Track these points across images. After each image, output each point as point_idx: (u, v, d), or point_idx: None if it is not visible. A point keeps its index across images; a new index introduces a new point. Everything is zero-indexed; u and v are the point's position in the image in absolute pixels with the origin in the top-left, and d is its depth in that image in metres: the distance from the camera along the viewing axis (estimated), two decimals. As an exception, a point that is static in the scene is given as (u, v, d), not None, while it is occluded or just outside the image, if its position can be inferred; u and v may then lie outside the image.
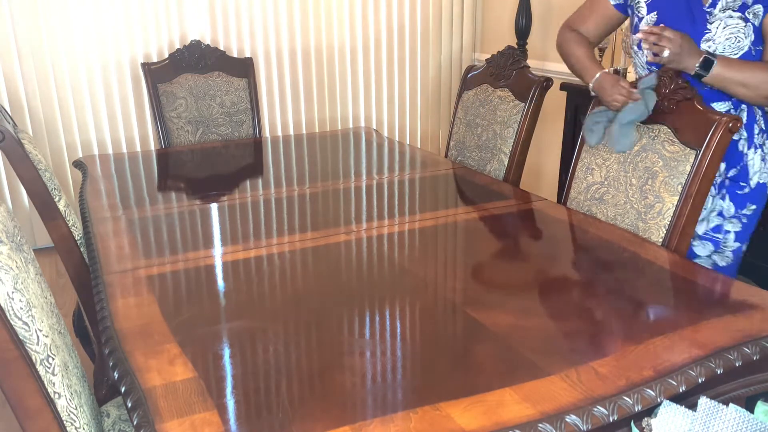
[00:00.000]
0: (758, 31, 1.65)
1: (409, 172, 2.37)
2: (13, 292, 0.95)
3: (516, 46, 3.52)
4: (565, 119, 3.15)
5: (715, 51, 1.68)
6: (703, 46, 1.69)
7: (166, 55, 3.04)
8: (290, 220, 1.87)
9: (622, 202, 1.81)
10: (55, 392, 1.01)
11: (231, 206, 2.01)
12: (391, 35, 4.02)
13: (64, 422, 1.03)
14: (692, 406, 0.99)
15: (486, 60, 2.49)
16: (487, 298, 1.37)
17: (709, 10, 1.67)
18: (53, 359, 1.02)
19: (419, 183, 2.23)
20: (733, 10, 1.64)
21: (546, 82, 2.23)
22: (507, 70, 2.38)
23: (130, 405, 0.99)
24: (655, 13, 1.77)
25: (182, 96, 2.92)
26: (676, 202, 1.65)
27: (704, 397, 1.01)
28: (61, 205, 1.81)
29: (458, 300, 1.37)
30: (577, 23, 1.99)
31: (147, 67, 2.94)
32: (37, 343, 0.98)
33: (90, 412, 1.16)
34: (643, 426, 1.01)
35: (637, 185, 1.78)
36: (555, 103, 3.19)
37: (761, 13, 1.62)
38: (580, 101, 2.95)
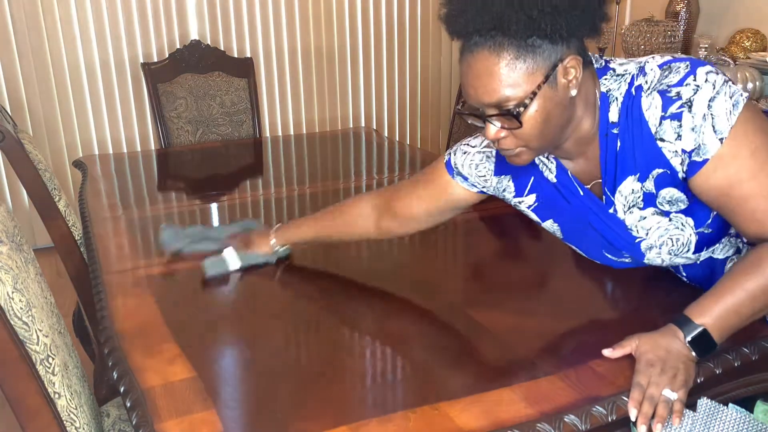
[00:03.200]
0: (693, 210, 1.13)
1: (409, 172, 2.37)
2: (13, 292, 0.95)
3: (516, 46, 3.52)
4: (565, 119, 3.15)
5: (662, 263, 1.23)
6: (650, 255, 1.21)
7: (166, 55, 3.04)
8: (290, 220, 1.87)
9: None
10: (55, 392, 1.01)
11: (231, 206, 2.01)
12: (391, 35, 4.02)
13: (64, 422, 1.03)
14: (692, 406, 0.99)
15: (486, 60, 2.49)
16: (486, 298, 1.37)
17: (611, 212, 1.18)
18: (53, 359, 1.02)
19: (419, 183, 2.23)
20: (640, 208, 1.14)
21: (546, 82, 2.22)
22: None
23: (128, 405, 0.99)
24: (556, 223, 1.27)
25: (182, 96, 2.92)
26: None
27: (704, 397, 1.01)
28: (61, 205, 1.82)
29: (457, 300, 1.37)
30: (394, 194, 1.41)
31: (147, 67, 2.95)
32: (37, 343, 0.98)
33: (90, 412, 1.16)
34: (643, 426, 1.00)
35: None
36: (555, 103, 3.18)
37: (680, 196, 1.11)
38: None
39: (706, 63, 1.06)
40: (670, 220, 1.15)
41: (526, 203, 1.29)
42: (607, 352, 1.09)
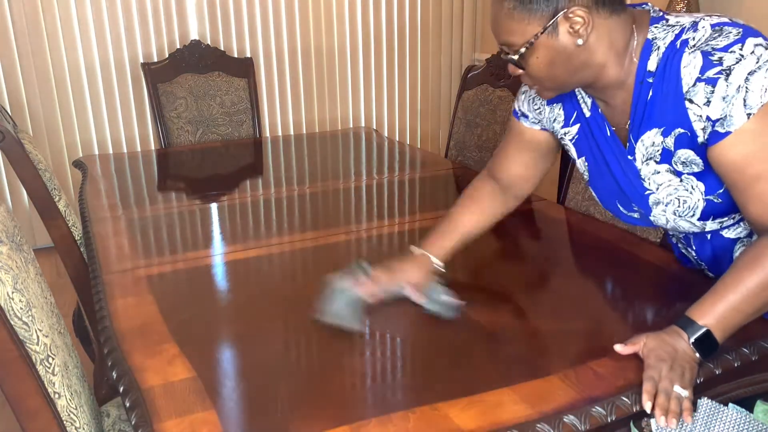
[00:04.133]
0: (705, 175, 1.14)
1: (409, 172, 2.37)
2: (13, 292, 0.95)
3: (516, 46, 3.52)
4: (565, 119, 3.15)
5: (666, 223, 1.24)
6: (656, 212, 1.23)
7: (166, 55, 3.04)
8: (290, 220, 1.88)
9: (622, 203, 1.80)
10: (55, 392, 1.01)
11: (231, 206, 2.01)
12: (391, 35, 4.02)
13: (64, 422, 1.03)
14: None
15: (486, 60, 2.49)
16: (485, 298, 1.37)
17: (630, 159, 1.21)
18: (53, 359, 1.02)
19: (419, 183, 2.23)
20: (656, 161, 1.17)
21: (546, 82, 2.22)
22: (507, 70, 2.38)
23: (128, 405, 0.99)
24: (585, 161, 1.31)
25: (182, 96, 2.93)
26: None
27: (704, 397, 1.01)
28: (61, 205, 1.82)
29: (457, 300, 1.37)
30: (497, 161, 1.45)
31: (147, 67, 2.95)
32: (37, 343, 0.98)
33: (90, 412, 1.16)
34: (643, 426, 1.01)
35: (636, 185, 1.77)
36: (555, 103, 3.18)
37: (696, 159, 1.13)
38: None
39: (759, 34, 1.05)
40: (681, 180, 1.16)
41: (570, 134, 1.32)
42: (618, 348, 1.09)
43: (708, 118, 1.05)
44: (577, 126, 1.29)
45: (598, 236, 1.69)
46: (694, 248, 1.34)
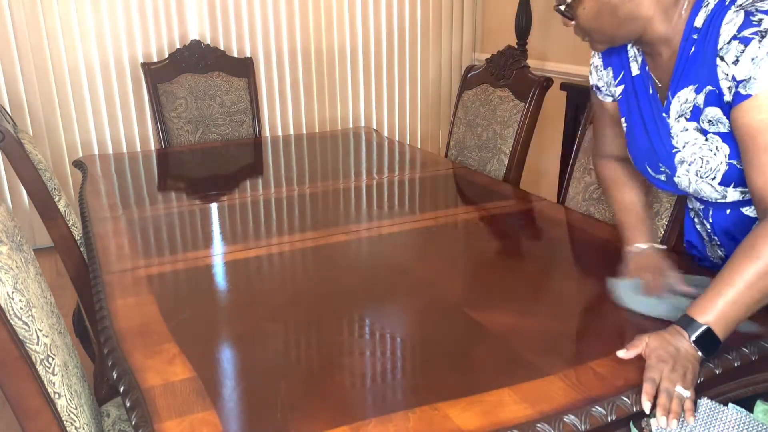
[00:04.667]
0: (730, 138, 1.14)
1: (409, 172, 2.37)
2: (13, 292, 0.95)
3: (516, 46, 3.52)
4: (565, 119, 3.15)
5: (689, 186, 1.25)
6: (680, 171, 1.24)
7: (166, 55, 3.04)
8: (290, 220, 1.88)
9: (622, 202, 1.81)
10: (55, 392, 1.01)
11: (231, 206, 2.01)
12: (391, 35, 4.02)
13: (64, 422, 1.03)
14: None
15: (486, 60, 2.49)
16: (485, 298, 1.37)
17: (664, 116, 1.23)
18: (53, 359, 1.02)
19: (419, 183, 2.23)
20: (687, 119, 1.18)
21: (546, 82, 2.23)
22: (507, 69, 2.38)
23: (128, 405, 0.99)
24: (625, 121, 1.35)
25: (182, 96, 2.92)
26: (674, 203, 1.66)
27: (704, 397, 1.01)
28: (61, 205, 1.82)
29: (457, 300, 1.37)
30: (600, 144, 1.49)
31: (147, 67, 2.95)
32: (37, 343, 0.98)
33: (90, 412, 1.16)
34: (643, 426, 1.01)
35: (636, 185, 1.77)
36: (555, 103, 3.19)
37: (722, 118, 1.13)
38: (580, 101, 2.95)
39: None
40: (707, 140, 1.18)
41: (617, 93, 1.35)
42: (621, 354, 1.08)
43: (733, 78, 1.06)
44: (622, 87, 1.33)
45: (598, 236, 1.69)
46: (710, 221, 1.32)
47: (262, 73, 3.72)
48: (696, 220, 1.39)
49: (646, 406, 0.97)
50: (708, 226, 1.35)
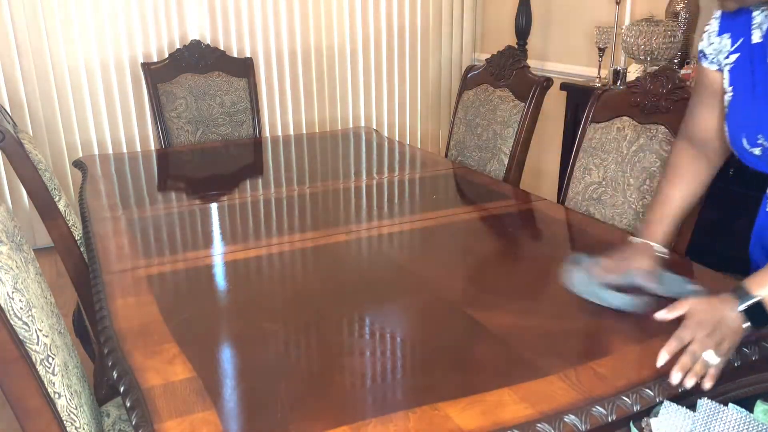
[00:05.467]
0: None
1: (409, 172, 2.37)
2: (13, 292, 0.95)
3: (516, 46, 3.52)
4: (565, 119, 3.15)
5: None
6: None
7: (166, 55, 3.04)
8: (290, 220, 1.88)
9: (620, 203, 1.81)
10: (55, 392, 1.01)
11: (231, 206, 2.01)
12: (391, 35, 4.02)
13: (64, 422, 1.03)
14: (691, 406, 0.99)
15: (486, 60, 2.49)
16: (486, 298, 1.37)
17: None
18: (53, 359, 1.02)
19: (419, 183, 2.23)
20: None
21: (546, 82, 2.23)
22: (507, 70, 2.38)
23: (128, 405, 0.99)
24: (732, 90, 1.30)
25: (182, 96, 2.92)
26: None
27: (704, 397, 1.01)
28: (61, 205, 1.81)
29: (457, 300, 1.37)
30: (687, 120, 1.42)
31: (147, 67, 2.94)
32: (37, 343, 0.98)
33: (90, 412, 1.16)
34: (643, 426, 1.01)
35: (635, 185, 1.78)
36: (555, 103, 3.19)
37: None
38: (580, 101, 2.95)
39: None
40: None
41: (729, 62, 1.30)
42: (660, 315, 1.05)
43: None
44: (736, 55, 1.28)
45: (598, 236, 1.69)
46: None
47: (262, 73, 3.72)
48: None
49: (662, 358, 0.94)
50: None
